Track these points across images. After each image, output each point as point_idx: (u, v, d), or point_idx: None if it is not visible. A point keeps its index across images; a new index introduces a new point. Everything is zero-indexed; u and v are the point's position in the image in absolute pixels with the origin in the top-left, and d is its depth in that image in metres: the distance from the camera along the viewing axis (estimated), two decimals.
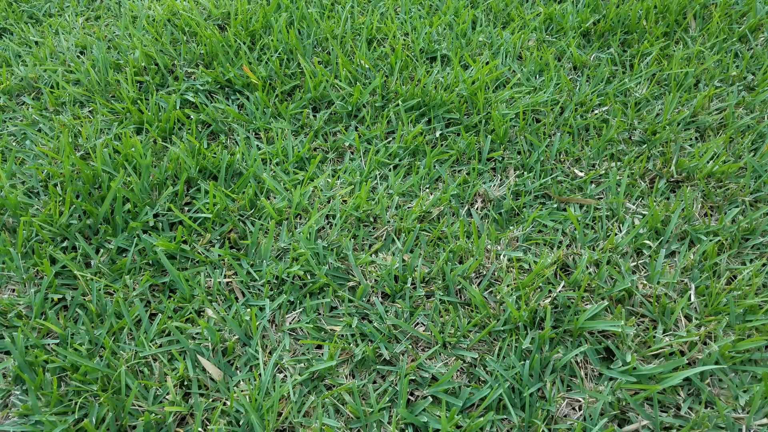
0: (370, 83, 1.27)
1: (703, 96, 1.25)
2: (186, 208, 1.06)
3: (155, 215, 1.03)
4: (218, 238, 1.01)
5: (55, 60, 1.36)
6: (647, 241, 0.99)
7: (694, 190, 1.09)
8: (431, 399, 0.81)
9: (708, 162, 1.14)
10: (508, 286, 0.92)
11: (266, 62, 1.32)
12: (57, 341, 0.87)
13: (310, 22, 1.42)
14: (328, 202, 1.06)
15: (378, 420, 0.79)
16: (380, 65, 1.32)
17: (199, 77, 1.30)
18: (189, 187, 1.09)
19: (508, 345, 0.86)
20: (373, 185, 1.09)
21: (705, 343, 0.87)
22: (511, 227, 1.03)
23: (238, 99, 1.28)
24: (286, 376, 0.84)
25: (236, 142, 1.18)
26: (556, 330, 0.87)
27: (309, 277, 0.94)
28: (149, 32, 1.42)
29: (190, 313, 0.90)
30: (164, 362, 0.84)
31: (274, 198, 1.07)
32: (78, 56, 1.38)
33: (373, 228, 1.01)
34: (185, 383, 0.83)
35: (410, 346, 0.86)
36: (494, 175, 1.13)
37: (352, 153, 1.16)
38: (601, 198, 1.09)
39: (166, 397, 0.82)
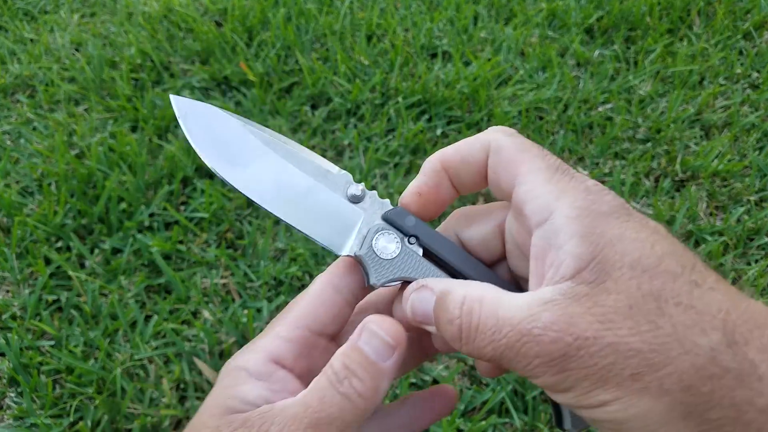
0: (369, 80, 1.25)
1: (707, 94, 1.23)
2: (182, 208, 1.04)
3: (151, 215, 1.02)
4: (215, 238, 0.99)
5: (50, 57, 1.34)
6: None
7: (699, 189, 1.08)
8: None
9: (713, 161, 1.12)
10: None
11: (264, 59, 1.30)
12: (52, 343, 0.85)
13: (309, 18, 1.40)
14: None
15: None
16: (380, 61, 1.31)
17: (195, 74, 1.29)
18: (185, 186, 1.08)
19: None
20: (373, 184, 1.07)
21: None
22: None
23: (235, 96, 1.26)
24: None
25: None
26: None
27: (307, 278, 0.93)
28: (145, 29, 1.40)
29: (187, 314, 0.89)
30: (160, 365, 0.83)
31: None
32: (73, 53, 1.36)
33: None
34: (181, 386, 0.82)
35: None
36: None
37: (351, 151, 1.15)
38: None
39: (162, 399, 0.81)
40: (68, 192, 1.02)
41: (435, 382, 0.82)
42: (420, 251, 0.30)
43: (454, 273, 0.31)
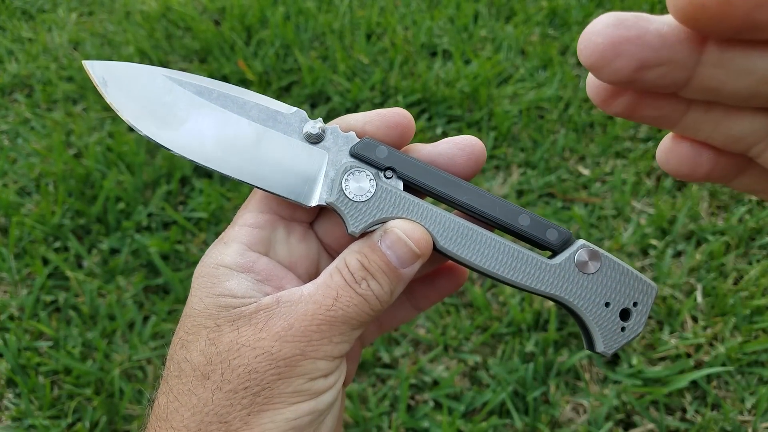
0: (369, 78, 1.25)
1: None
2: (180, 207, 1.04)
3: (149, 214, 1.01)
4: (213, 237, 0.99)
5: (48, 56, 1.34)
6: (653, 241, 0.97)
7: (700, 189, 1.07)
8: (432, 403, 0.79)
9: None
10: None
11: (262, 57, 1.29)
12: (50, 343, 0.85)
13: (308, 16, 1.39)
14: None
15: (377, 425, 0.77)
16: (380, 60, 1.30)
17: (193, 73, 1.28)
18: (183, 186, 1.07)
19: (512, 348, 0.84)
20: None
21: (711, 345, 0.85)
22: None
23: None
24: None
25: None
26: (560, 332, 0.85)
27: None
28: (143, 27, 1.39)
29: None
30: (158, 365, 0.83)
31: None
32: (71, 52, 1.36)
33: None
34: None
35: (411, 349, 0.85)
36: (497, 173, 1.11)
37: None
38: (606, 198, 1.06)
39: None
40: (66, 192, 1.02)
41: (435, 383, 0.81)
42: (400, 185, 0.28)
43: (441, 202, 0.28)
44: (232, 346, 0.25)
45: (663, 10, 1.44)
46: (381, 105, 1.22)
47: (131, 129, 1.17)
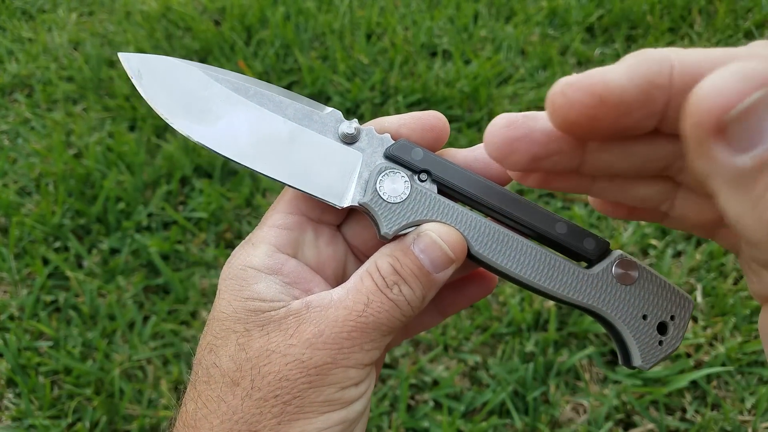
0: (369, 78, 1.25)
1: None
2: (180, 207, 1.04)
3: (149, 214, 1.01)
4: (213, 237, 0.99)
5: (48, 56, 1.34)
6: (653, 241, 0.97)
7: None
8: (432, 403, 0.79)
9: None
10: (511, 287, 0.90)
11: (262, 57, 1.29)
12: (50, 343, 0.85)
13: (308, 16, 1.39)
14: None
15: (377, 425, 0.77)
16: (380, 60, 1.30)
17: None
18: (183, 186, 1.07)
19: (512, 348, 0.84)
20: None
21: (711, 345, 0.85)
22: None
23: None
24: None
25: None
26: (560, 332, 0.85)
27: None
28: (143, 27, 1.39)
29: (185, 315, 0.88)
30: (158, 365, 0.83)
31: (271, 196, 1.05)
32: (71, 52, 1.36)
33: None
34: (180, 387, 0.82)
35: (411, 349, 0.85)
36: None
37: None
38: None
39: (161, 401, 0.80)
40: (66, 192, 1.02)
41: (435, 383, 0.81)
42: (434, 188, 0.27)
43: (476, 207, 0.28)
44: (262, 352, 0.25)
45: (662, 10, 1.44)
46: (381, 105, 1.22)
47: (132, 128, 1.17)
